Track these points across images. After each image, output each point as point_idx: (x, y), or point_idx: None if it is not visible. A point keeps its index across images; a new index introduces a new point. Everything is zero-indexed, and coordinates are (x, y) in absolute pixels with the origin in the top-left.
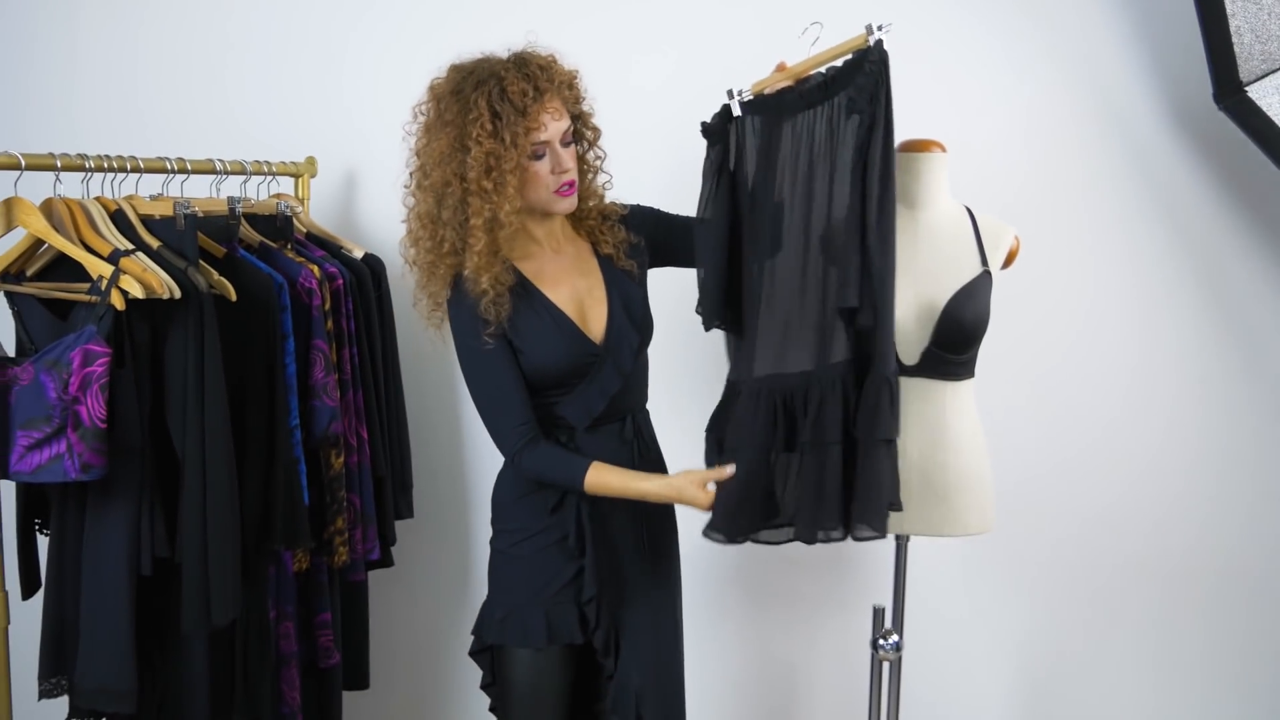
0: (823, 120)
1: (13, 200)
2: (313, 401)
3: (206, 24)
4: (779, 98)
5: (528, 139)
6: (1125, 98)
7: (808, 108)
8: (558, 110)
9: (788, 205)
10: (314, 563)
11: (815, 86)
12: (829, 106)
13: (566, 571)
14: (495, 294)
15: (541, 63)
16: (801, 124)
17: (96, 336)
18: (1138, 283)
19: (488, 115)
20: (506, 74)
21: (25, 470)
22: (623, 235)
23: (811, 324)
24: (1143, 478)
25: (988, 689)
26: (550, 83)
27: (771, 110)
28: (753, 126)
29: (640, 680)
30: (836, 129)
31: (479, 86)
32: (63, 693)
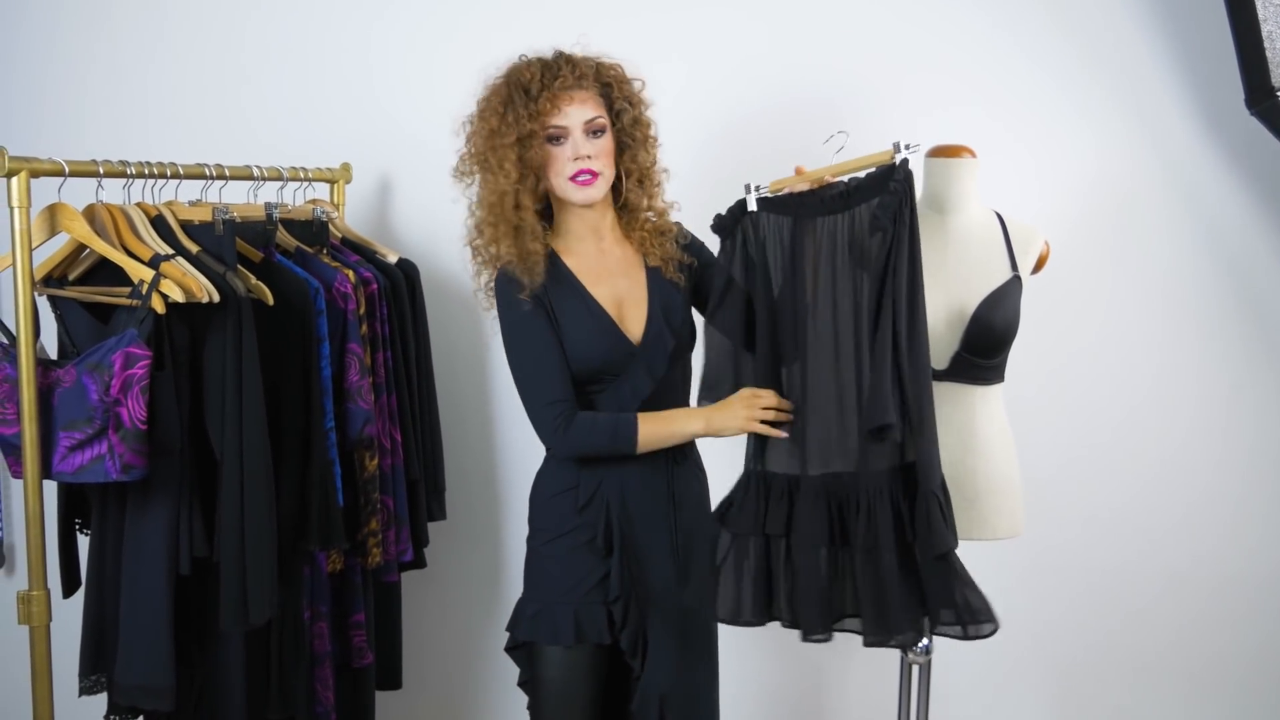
0: (843, 229)
1: (56, 206)
2: (347, 404)
3: (245, 34)
4: (798, 199)
5: (535, 121)
6: (1157, 103)
7: (827, 214)
8: (580, 99)
9: (811, 310)
10: (348, 563)
11: (836, 195)
12: (849, 216)
13: (597, 572)
14: (520, 259)
15: (573, 58)
16: (821, 229)
17: (137, 339)
18: (1168, 288)
19: (501, 96)
20: (530, 64)
21: (67, 471)
22: (674, 251)
23: (849, 430)
24: (1175, 483)
25: (1017, 693)
26: (573, 74)
27: (789, 211)
28: (774, 225)
29: (666, 685)
30: (859, 240)
31: (510, 73)
32: (102, 689)
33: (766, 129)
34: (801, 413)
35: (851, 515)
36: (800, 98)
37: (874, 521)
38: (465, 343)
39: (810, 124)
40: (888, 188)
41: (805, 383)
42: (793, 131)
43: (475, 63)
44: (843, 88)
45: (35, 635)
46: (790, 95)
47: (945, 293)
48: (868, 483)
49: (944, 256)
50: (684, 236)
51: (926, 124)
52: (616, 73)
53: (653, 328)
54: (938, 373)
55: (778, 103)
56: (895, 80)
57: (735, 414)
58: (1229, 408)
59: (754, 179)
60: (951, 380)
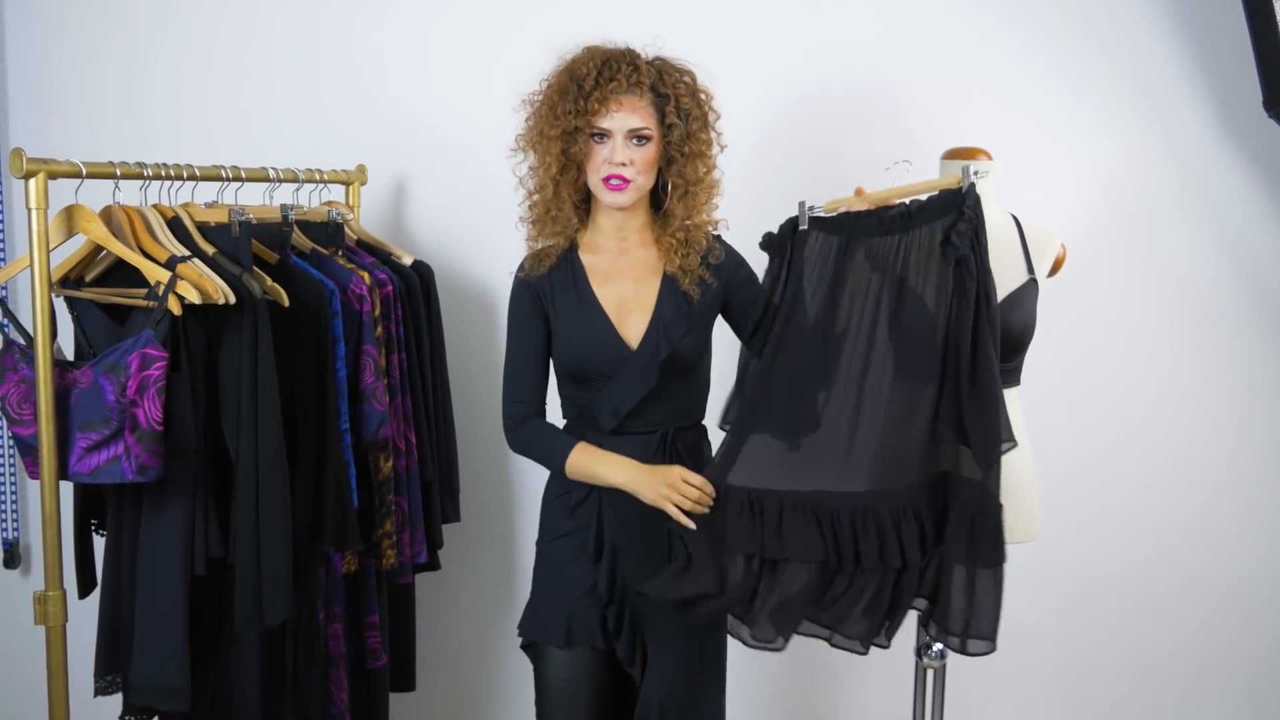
0: (900, 251)
1: (73, 208)
2: (362, 406)
3: (262, 37)
4: (854, 219)
5: (582, 119)
6: (1174, 105)
7: (884, 234)
8: (630, 106)
9: (852, 331)
10: (362, 565)
11: (896, 216)
12: (907, 239)
13: (590, 575)
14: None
15: (639, 63)
16: (877, 249)
17: (154, 341)
18: (1184, 290)
19: (557, 86)
20: (591, 58)
21: (84, 471)
22: (696, 265)
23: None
24: (1188, 484)
25: (1032, 698)
26: (629, 79)
27: (841, 231)
28: (823, 244)
29: (665, 693)
30: (922, 262)
31: (575, 62)
32: (118, 690)
33: (795, 134)
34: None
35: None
36: (820, 103)
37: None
38: (480, 344)
39: (829, 129)
40: (961, 212)
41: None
42: (815, 137)
43: (493, 68)
44: (860, 92)
45: (51, 635)
46: (807, 100)
47: None
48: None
49: None
50: (717, 255)
51: (942, 126)
52: (679, 84)
53: (651, 335)
54: None
55: (798, 110)
56: (911, 83)
57: (654, 486)
58: (1243, 409)
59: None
60: None
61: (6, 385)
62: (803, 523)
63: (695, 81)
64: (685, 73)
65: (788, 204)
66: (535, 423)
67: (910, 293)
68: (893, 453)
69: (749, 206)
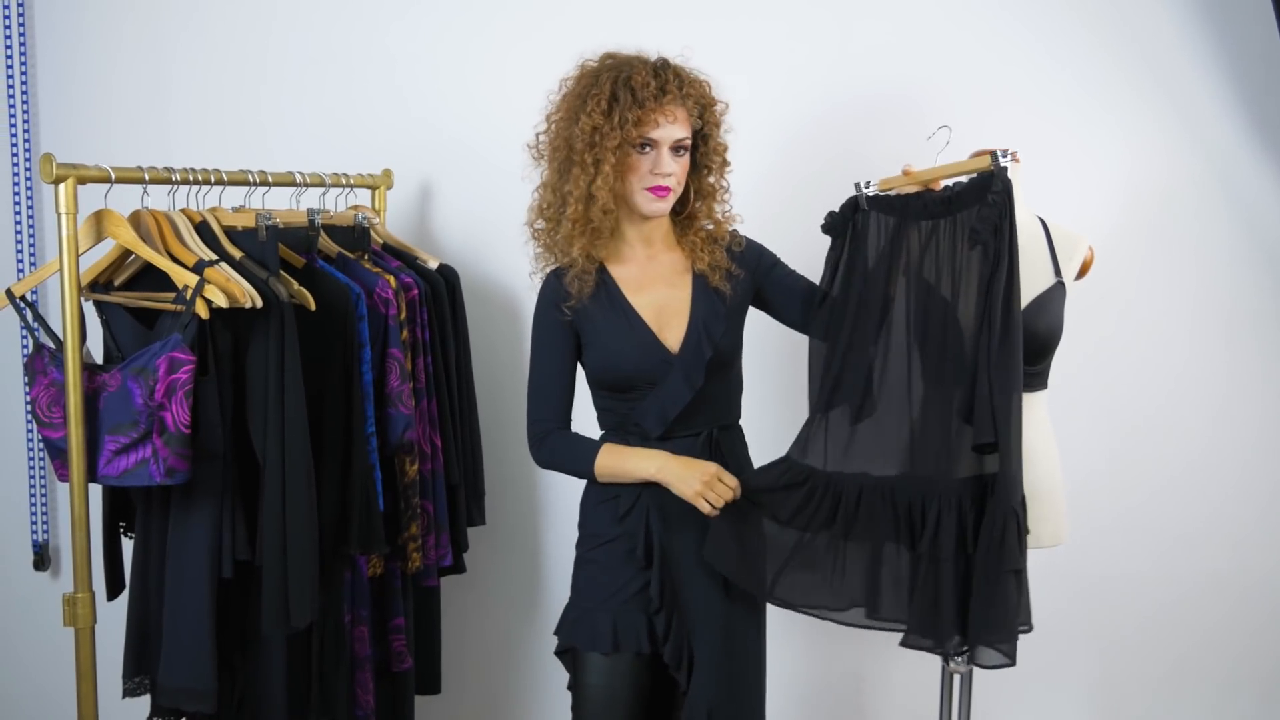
0: (944, 236)
1: (103, 212)
2: (388, 409)
3: (289, 42)
4: (904, 201)
5: (636, 129)
6: (1200, 106)
7: (929, 218)
8: (678, 117)
9: (901, 309)
10: (388, 568)
11: (938, 200)
12: (950, 222)
13: (637, 581)
14: (583, 266)
15: (680, 72)
16: (925, 233)
17: (181, 344)
18: (1216, 294)
19: (607, 95)
20: (640, 67)
21: (112, 474)
22: (722, 259)
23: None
24: (1221, 493)
25: (1061, 703)
26: (679, 90)
27: (896, 211)
28: (878, 223)
29: (713, 699)
30: (958, 250)
31: (611, 70)
32: (145, 691)
33: (819, 138)
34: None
35: (918, 520)
36: (843, 107)
37: (940, 529)
38: (505, 348)
39: (853, 132)
40: (986, 199)
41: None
42: (839, 141)
43: (516, 73)
44: (884, 96)
45: (80, 637)
46: (830, 104)
47: None
48: (940, 489)
49: None
50: (739, 244)
51: (967, 129)
52: (711, 93)
53: (692, 337)
54: None
55: (821, 114)
56: (935, 86)
57: (689, 481)
58: (1265, 410)
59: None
60: None
61: (37, 388)
62: (880, 505)
63: (712, 89)
64: (708, 86)
65: (812, 207)
66: (557, 435)
67: (954, 279)
68: (942, 442)
69: (773, 211)
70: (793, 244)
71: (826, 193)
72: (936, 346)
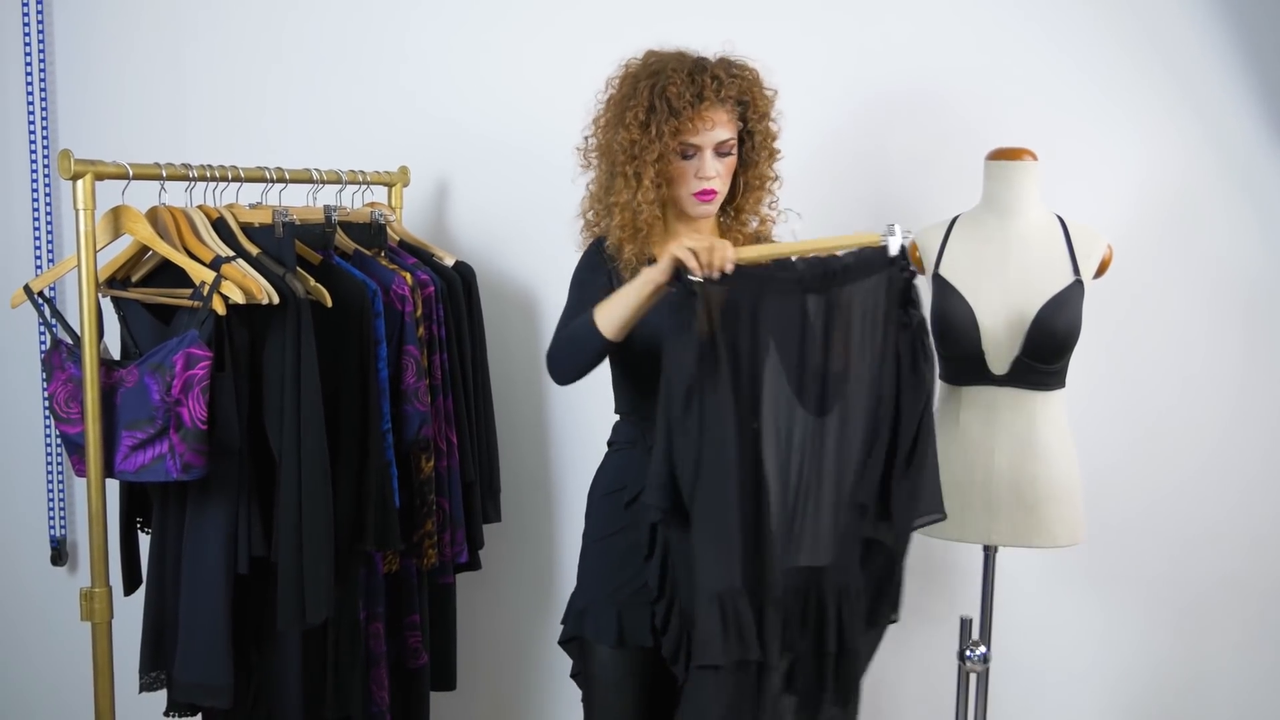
0: (819, 309)
1: (120, 209)
2: (404, 406)
3: (306, 39)
4: (767, 271)
5: (675, 139)
6: (1218, 103)
7: (804, 292)
8: (719, 121)
9: (779, 395)
10: (403, 565)
11: (819, 275)
12: (831, 296)
13: (643, 575)
14: (636, 265)
15: (719, 72)
16: (793, 307)
17: (198, 340)
18: (1234, 293)
19: (644, 106)
20: (675, 73)
21: (129, 470)
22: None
23: (814, 524)
24: (1239, 492)
25: (1077, 703)
26: (717, 94)
27: (751, 288)
28: (728, 298)
29: None
30: (852, 322)
31: (650, 77)
32: (162, 686)
33: (840, 136)
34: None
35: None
36: (863, 105)
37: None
38: (521, 345)
39: (872, 131)
40: (890, 272)
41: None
42: (859, 140)
43: (532, 70)
44: (904, 94)
45: (97, 632)
46: (850, 103)
47: (1006, 297)
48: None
49: (1005, 260)
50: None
51: (986, 127)
52: (755, 89)
53: None
54: (998, 378)
55: (842, 112)
56: (954, 85)
57: (675, 249)
58: None
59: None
60: (1012, 385)
61: (54, 384)
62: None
63: (759, 76)
64: (755, 77)
65: (833, 207)
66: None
67: (838, 354)
68: (830, 526)
69: (791, 207)
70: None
71: (845, 190)
72: (829, 429)
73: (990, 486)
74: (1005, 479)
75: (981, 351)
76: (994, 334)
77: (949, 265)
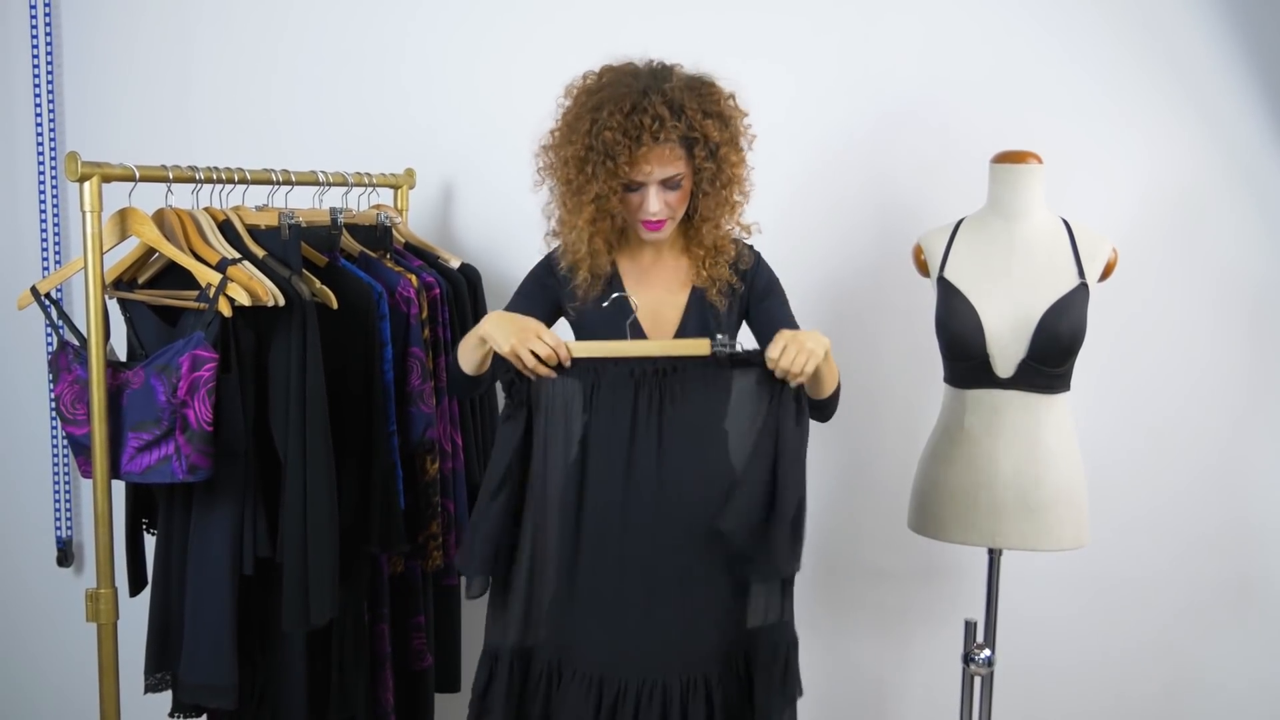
0: (654, 404)
1: (127, 211)
2: (409, 408)
3: (312, 42)
4: (600, 363)
5: (613, 180)
6: (1228, 108)
7: (637, 386)
8: (660, 160)
9: (629, 479)
10: (408, 566)
11: (651, 372)
12: (666, 387)
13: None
14: (587, 278)
15: (661, 111)
16: (624, 398)
17: (204, 342)
18: (1240, 296)
19: (583, 143)
20: (614, 113)
21: (135, 471)
22: (724, 273)
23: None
24: (1245, 495)
25: (1082, 706)
26: (656, 137)
27: (590, 376)
28: (562, 389)
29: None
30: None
31: (593, 111)
32: (167, 687)
33: (844, 140)
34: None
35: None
36: (869, 109)
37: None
38: None
39: (878, 135)
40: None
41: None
42: (864, 144)
43: (537, 72)
44: (909, 98)
45: (102, 632)
46: (856, 106)
47: (1011, 300)
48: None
49: (1009, 263)
50: (746, 262)
51: (991, 130)
52: (705, 120)
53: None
54: (1003, 381)
55: (846, 116)
56: (959, 88)
57: (505, 336)
58: None
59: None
60: (1017, 389)
61: (61, 385)
62: (582, 698)
63: (719, 98)
64: (707, 92)
65: (839, 208)
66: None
67: (696, 434)
68: (688, 617)
69: (795, 211)
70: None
71: (851, 194)
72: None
73: (995, 490)
74: (1010, 482)
75: (987, 354)
76: (999, 337)
77: (954, 268)
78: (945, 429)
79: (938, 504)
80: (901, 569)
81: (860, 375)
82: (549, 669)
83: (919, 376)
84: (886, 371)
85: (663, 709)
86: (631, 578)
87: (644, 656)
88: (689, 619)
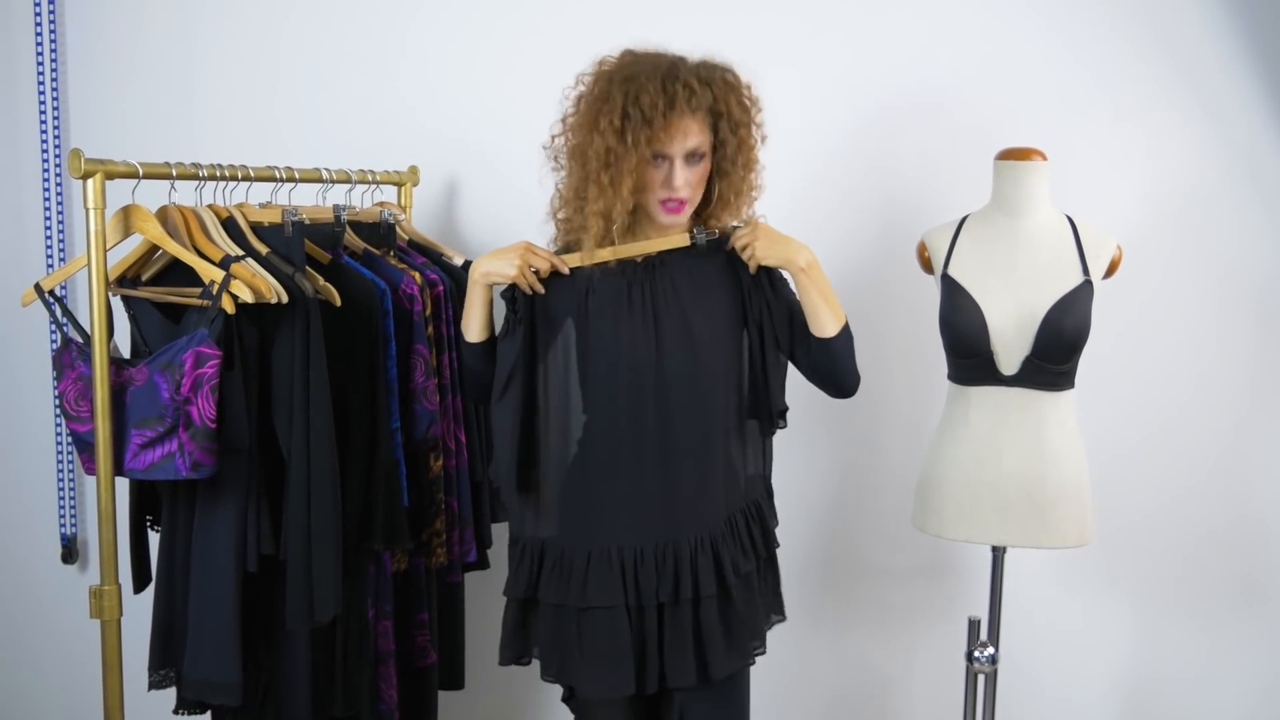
0: (646, 295)
1: (130, 208)
2: (413, 405)
3: (316, 39)
4: (589, 270)
5: (649, 147)
6: (1233, 106)
7: (629, 283)
8: (689, 130)
9: (631, 367)
10: (412, 563)
11: (639, 267)
12: (666, 274)
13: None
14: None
15: (691, 80)
16: (618, 291)
17: (208, 339)
18: (1245, 294)
19: (619, 113)
20: (649, 80)
21: (139, 468)
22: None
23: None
24: (1250, 493)
25: (1086, 705)
26: (689, 103)
27: (579, 280)
28: (567, 294)
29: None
30: (695, 287)
31: (625, 82)
32: (171, 684)
33: (849, 136)
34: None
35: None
36: (874, 104)
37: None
38: None
39: (883, 130)
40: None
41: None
42: (869, 139)
43: (542, 69)
44: (914, 94)
45: (106, 629)
46: (860, 102)
47: (1015, 297)
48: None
49: (1014, 260)
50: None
51: (995, 127)
52: (729, 96)
53: None
54: (1007, 378)
55: (851, 111)
56: (964, 84)
57: (508, 260)
58: None
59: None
60: (1021, 386)
61: (64, 382)
62: (606, 569)
63: (739, 83)
64: (730, 74)
65: (843, 205)
66: None
67: (691, 316)
68: (695, 481)
69: (799, 209)
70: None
71: (856, 189)
72: (683, 390)
73: (999, 487)
74: (1014, 480)
75: (991, 352)
76: (1003, 334)
77: (958, 265)
78: (949, 426)
79: (941, 501)
80: (905, 566)
81: (864, 372)
82: (568, 553)
83: (923, 374)
84: (890, 369)
85: (674, 567)
86: (641, 450)
87: (657, 524)
88: (696, 484)
